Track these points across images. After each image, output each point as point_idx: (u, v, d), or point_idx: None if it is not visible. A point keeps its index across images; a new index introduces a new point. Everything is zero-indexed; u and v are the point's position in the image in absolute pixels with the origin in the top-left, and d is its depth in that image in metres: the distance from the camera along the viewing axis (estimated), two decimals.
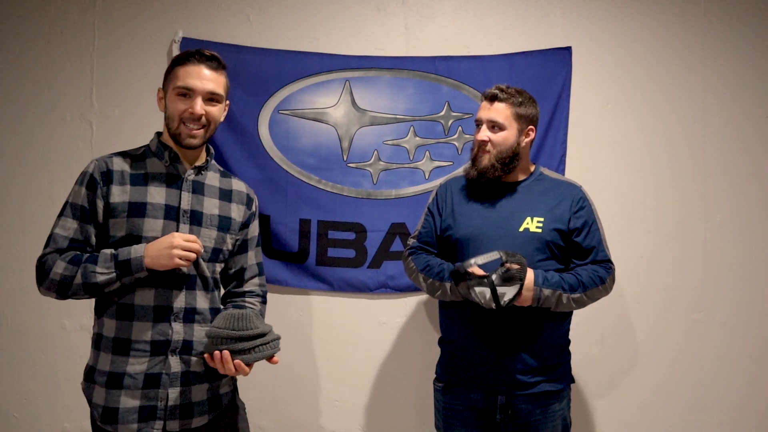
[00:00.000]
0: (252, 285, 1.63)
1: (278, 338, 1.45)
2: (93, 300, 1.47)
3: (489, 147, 1.76)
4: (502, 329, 1.71)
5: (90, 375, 1.45)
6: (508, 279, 1.58)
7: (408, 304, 2.36)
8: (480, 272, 1.61)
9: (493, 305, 1.59)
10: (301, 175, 2.31)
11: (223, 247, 1.54)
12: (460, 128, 2.34)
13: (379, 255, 2.31)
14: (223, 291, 1.64)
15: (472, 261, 1.59)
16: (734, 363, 2.37)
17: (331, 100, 2.33)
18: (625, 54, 2.39)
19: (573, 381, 1.84)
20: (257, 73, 2.28)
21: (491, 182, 1.80)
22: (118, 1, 2.34)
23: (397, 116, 2.34)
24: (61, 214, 1.45)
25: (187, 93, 1.46)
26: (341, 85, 2.33)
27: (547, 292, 1.65)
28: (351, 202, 2.33)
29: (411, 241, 1.91)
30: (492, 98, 1.78)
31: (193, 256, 1.40)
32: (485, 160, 1.77)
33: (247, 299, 1.61)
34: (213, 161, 1.60)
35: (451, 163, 2.34)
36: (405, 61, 2.34)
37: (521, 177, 1.84)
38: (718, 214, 2.38)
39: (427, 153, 2.34)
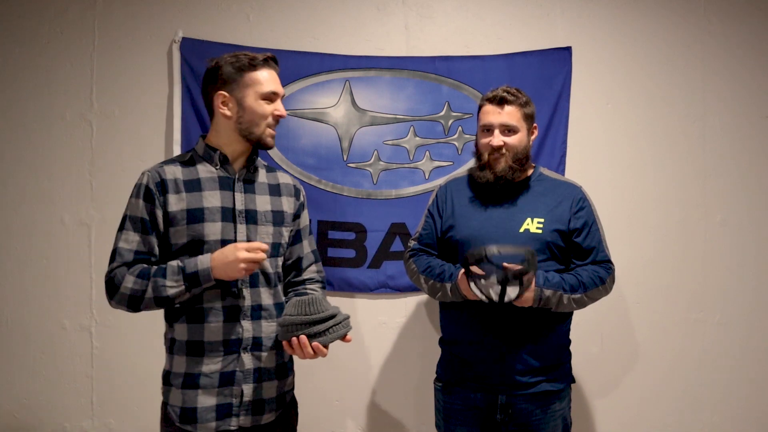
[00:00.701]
0: (310, 272, 1.68)
1: (348, 317, 1.48)
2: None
3: (504, 151, 1.75)
4: (502, 329, 1.71)
5: (167, 378, 1.51)
6: (515, 277, 1.58)
7: (408, 304, 2.36)
8: (479, 271, 1.61)
9: (495, 300, 1.58)
10: (300, 175, 2.31)
11: (281, 241, 1.58)
12: (460, 128, 2.34)
13: (379, 255, 2.31)
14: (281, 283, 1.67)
15: (495, 248, 1.57)
16: (734, 363, 2.37)
17: (331, 100, 2.33)
18: (625, 54, 2.39)
19: (573, 381, 1.84)
20: None
21: (492, 183, 1.78)
22: (118, 1, 2.34)
23: (397, 116, 2.34)
24: (121, 228, 1.47)
25: (272, 97, 1.51)
26: (341, 85, 2.33)
27: (548, 292, 1.65)
28: (351, 202, 2.33)
29: (412, 243, 1.90)
30: (501, 102, 1.75)
31: (256, 267, 1.44)
32: (502, 163, 1.75)
33: (308, 286, 1.66)
34: (259, 158, 1.63)
35: (451, 163, 2.34)
36: (405, 61, 2.34)
37: (523, 176, 1.83)
38: (718, 214, 2.38)
39: (427, 153, 2.34)
